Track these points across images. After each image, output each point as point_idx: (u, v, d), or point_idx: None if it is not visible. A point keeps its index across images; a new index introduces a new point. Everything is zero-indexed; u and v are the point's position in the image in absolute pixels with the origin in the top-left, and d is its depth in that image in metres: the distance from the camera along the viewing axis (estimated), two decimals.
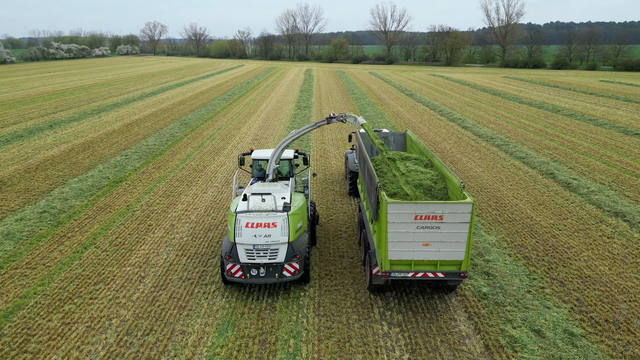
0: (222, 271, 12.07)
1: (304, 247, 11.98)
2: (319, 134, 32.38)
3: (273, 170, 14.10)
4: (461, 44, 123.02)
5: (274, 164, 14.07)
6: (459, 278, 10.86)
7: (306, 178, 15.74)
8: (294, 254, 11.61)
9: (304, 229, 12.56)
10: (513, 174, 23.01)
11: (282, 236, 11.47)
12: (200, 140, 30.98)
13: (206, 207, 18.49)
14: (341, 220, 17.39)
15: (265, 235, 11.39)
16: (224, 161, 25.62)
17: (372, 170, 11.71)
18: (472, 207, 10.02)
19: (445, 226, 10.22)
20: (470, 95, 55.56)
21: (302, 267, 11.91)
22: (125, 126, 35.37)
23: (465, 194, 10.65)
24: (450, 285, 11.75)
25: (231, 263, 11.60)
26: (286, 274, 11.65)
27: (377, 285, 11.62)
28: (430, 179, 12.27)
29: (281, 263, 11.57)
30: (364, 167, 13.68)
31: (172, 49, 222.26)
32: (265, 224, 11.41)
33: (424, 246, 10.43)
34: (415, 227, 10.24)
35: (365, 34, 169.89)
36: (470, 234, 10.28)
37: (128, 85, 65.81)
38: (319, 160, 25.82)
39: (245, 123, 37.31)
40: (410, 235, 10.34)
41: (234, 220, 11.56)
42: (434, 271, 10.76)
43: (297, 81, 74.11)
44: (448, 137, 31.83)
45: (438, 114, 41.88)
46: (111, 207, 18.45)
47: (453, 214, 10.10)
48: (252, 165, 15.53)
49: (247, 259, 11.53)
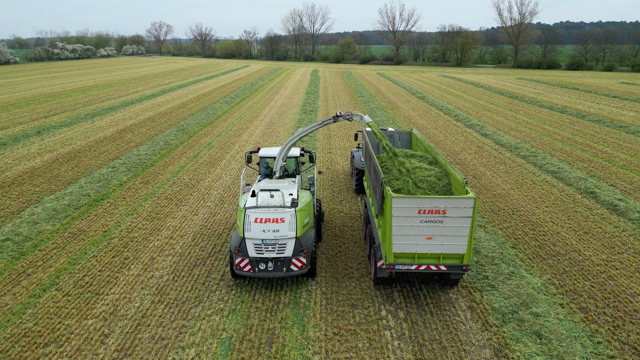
0: (231, 265, 12.31)
1: (311, 242, 12.25)
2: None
3: (280, 167, 14.43)
4: (472, 44, 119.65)
5: (281, 161, 14.39)
6: (461, 271, 11.16)
7: (312, 175, 15.98)
8: (301, 248, 11.89)
9: (310, 225, 12.83)
10: (547, 192, 20.23)
11: (290, 231, 11.75)
12: (197, 149, 28.47)
13: (195, 234, 15.92)
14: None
15: (273, 230, 11.67)
16: (220, 174, 23.07)
17: (378, 166, 11.96)
18: (474, 202, 10.31)
19: (448, 220, 10.52)
20: (486, 98, 52.62)
21: (309, 262, 12.17)
22: (118, 132, 32.96)
23: (468, 189, 10.92)
24: (453, 278, 11.92)
25: (240, 257, 11.87)
26: (293, 268, 11.94)
27: (381, 278, 11.91)
28: (435, 176, 12.63)
29: (289, 257, 11.84)
30: (370, 164, 13.90)
31: (178, 49, 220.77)
32: (273, 219, 11.71)
33: (427, 240, 10.74)
34: (419, 221, 10.55)
35: (373, 33, 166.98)
36: (473, 228, 10.53)
37: (128, 87, 63.61)
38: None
39: (247, 129, 34.78)
40: (414, 229, 10.66)
41: (243, 216, 11.83)
42: (436, 264, 11.04)
43: (303, 82, 71.53)
44: (467, 146, 29.05)
45: (453, 119, 39.05)
46: (85, 234, 15.94)
47: (456, 208, 10.37)
48: (259, 162, 16.03)
49: (256, 253, 11.81)
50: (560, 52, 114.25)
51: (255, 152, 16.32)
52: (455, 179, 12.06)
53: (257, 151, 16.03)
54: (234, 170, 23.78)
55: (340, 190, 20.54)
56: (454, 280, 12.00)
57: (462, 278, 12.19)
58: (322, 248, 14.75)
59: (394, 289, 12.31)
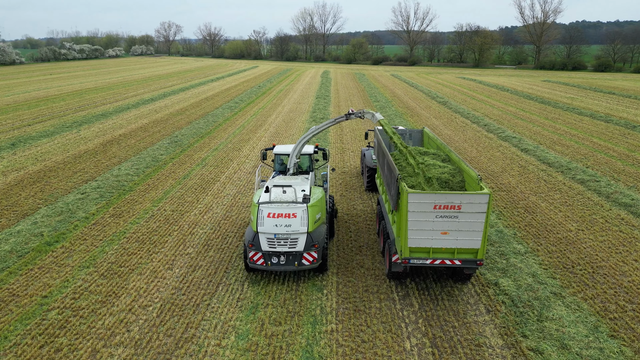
0: (245, 259, 12.50)
1: (322, 238, 12.44)
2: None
3: (294, 164, 14.76)
4: (491, 44, 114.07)
5: (294, 158, 14.71)
6: (475, 266, 11.12)
7: (325, 172, 16.08)
8: (313, 243, 12.08)
9: (322, 220, 13.00)
10: (628, 236, 15.62)
11: (302, 226, 11.95)
12: (188, 166, 24.33)
13: (163, 305, 11.65)
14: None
15: (285, 225, 11.89)
16: (211, 204, 18.85)
17: (392, 163, 12.15)
18: (488, 197, 10.38)
19: (463, 216, 10.59)
20: (514, 103, 47.77)
21: (320, 257, 12.34)
22: (103, 145, 28.97)
23: (482, 185, 10.97)
24: (467, 273, 11.98)
25: (253, 251, 12.09)
26: (305, 263, 12.16)
27: (396, 272, 12.15)
28: (448, 173, 12.70)
29: (300, 252, 12.04)
30: (383, 161, 14.04)
31: (187, 49, 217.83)
32: (285, 214, 11.93)
33: (442, 234, 10.84)
34: (434, 216, 10.66)
35: (386, 33, 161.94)
36: (487, 223, 10.63)
37: (128, 90, 59.89)
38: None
39: (249, 140, 30.60)
40: (429, 224, 10.75)
41: (256, 211, 12.06)
42: (451, 259, 11.09)
43: (313, 85, 67.22)
44: (508, 165, 24.46)
45: (483, 129, 34.39)
46: (16, 302, 11.79)
47: (471, 204, 10.47)
48: (274, 160, 16.31)
49: (269, 247, 12.01)
50: (586, 52, 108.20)
51: (270, 149, 16.52)
52: (470, 176, 12.15)
53: (272, 148, 16.27)
54: (229, 197, 19.56)
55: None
56: (467, 275, 12.17)
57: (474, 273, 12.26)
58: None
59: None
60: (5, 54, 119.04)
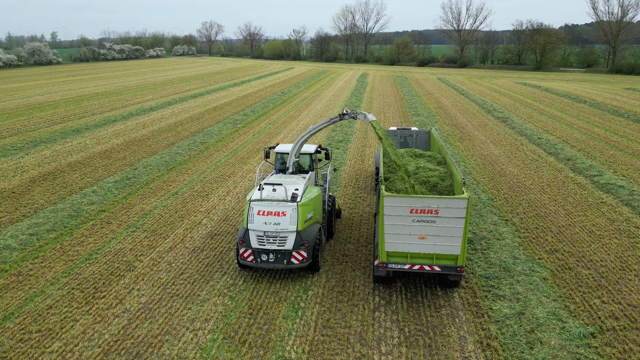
0: (237, 255, 12.71)
1: (313, 237, 12.44)
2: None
3: (293, 163, 14.70)
4: (556, 43, 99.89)
5: (293, 157, 14.66)
6: (455, 272, 10.99)
7: (326, 172, 16.25)
8: (302, 242, 12.14)
9: (314, 220, 12.95)
10: None
11: (291, 225, 12.09)
12: (153, 201, 16.29)
13: None
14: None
15: (274, 223, 12.08)
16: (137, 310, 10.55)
17: (381, 165, 13.23)
18: (467, 202, 10.21)
19: (441, 220, 10.52)
20: (599, 122, 36.54)
21: (311, 256, 12.41)
22: (52, 173, 21.55)
23: (464, 189, 10.73)
24: (452, 280, 11.62)
25: (244, 248, 12.32)
26: (294, 261, 12.24)
27: (379, 276, 11.88)
28: (438, 176, 12.94)
29: (289, 250, 12.15)
30: None
31: (229, 49, 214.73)
32: (275, 212, 12.10)
33: (420, 239, 10.76)
34: (411, 220, 10.63)
35: (434, 32, 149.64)
36: (466, 229, 10.44)
37: (136, 96, 53.50)
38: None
39: (244, 165, 22.32)
40: (407, 228, 10.74)
41: (247, 208, 12.29)
42: (430, 264, 11.02)
43: (344, 92, 58.24)
44: (627, 248, 14.51)
45: (568, 167, 24.05)
46: None
47: (448, 208, 10.36)
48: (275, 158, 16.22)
49: (258, 245, 12.22)
50: None
51: (273, 148, 16.29)
52: (456, 180, 12.03)
53: (275, 147, 16.06)
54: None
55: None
56: (453, 282, 11.74)
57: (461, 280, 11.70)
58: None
59: None
60: (42, 54, 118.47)
